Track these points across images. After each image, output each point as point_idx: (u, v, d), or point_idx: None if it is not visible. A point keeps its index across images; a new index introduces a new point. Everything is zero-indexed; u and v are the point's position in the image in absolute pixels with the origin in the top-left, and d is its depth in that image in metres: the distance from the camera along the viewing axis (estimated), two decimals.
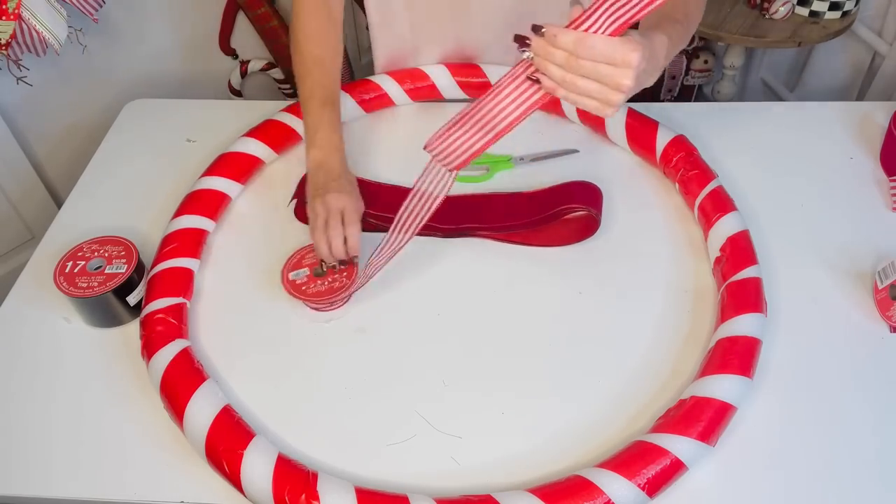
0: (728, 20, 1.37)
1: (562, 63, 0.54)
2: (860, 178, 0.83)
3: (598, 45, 0.52)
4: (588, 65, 0.53)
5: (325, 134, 0.77)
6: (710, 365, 0.62)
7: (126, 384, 0.66)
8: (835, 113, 0.91)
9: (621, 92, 0.54)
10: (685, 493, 0.57)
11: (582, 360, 0.67)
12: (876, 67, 1.40)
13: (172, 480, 0.60)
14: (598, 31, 0.53)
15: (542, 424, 0.62)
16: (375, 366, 0.67)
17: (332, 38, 0.82)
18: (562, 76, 0.54)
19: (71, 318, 0.72)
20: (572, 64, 0.53)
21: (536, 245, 0.77)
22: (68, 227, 0.81)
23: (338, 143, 0.78)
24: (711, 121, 0.90)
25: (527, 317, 0.70)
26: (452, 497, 0.56)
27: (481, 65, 0.92)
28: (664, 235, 0.78)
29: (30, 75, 1.13)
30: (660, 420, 0.60)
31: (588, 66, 0.53)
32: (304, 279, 0.70)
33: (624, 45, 0.52)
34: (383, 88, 0.92)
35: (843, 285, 0.72)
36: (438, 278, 0.74)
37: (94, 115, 1.29)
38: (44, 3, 1.00)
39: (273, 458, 0.57)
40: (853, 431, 0.61)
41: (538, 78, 0.56)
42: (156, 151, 0.91)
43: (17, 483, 0.60)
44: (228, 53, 1.48)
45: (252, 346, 0.69)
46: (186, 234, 0.75)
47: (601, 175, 0.81)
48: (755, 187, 0.81)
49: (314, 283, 0.70)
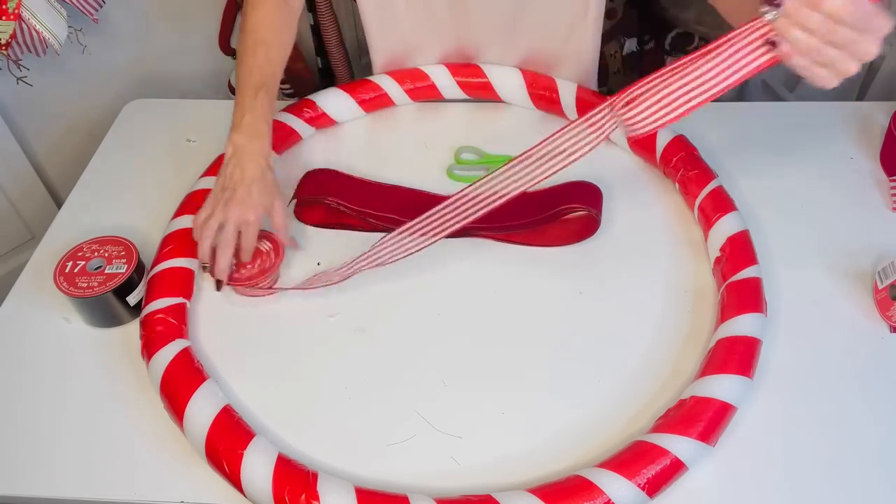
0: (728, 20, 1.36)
1: (816, 27, 0.50)
2: (860, 178, 0.83)
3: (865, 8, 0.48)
4: (845, 32, 0.49)
5: (251, 120, 0.73)
6: (710, 365, 0.62)
7: (126, 384, 0.66)
8: (835, 113, 0.91)
9: (864, 61, 0.50)
10: (685, 493, 0.57)
11: (582, 360, 0.67)
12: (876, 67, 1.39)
13: (172, 480, 0.60)
14: None
15: (542, 424, 0.62)
16: (375, 366, 0.67)
17: (283, 26, 0.80)
18: (807, 42, 0.51)
19: (71, 318, 0.72)
20: (829, 29, 0.49)
21: (536, 245, 0.77)
22: (68, 227, 0.81)
23: (263, 131, 0.73)
24: (711, 121, 0.90)
25: (527, 317, 0.70)
26: (452, 497, 0.56)
27: (481, 65, 0.92)
28: (664, 235, 0.78)
29: (30, 75, 1.12)
30: (660, 420, 0.60)
31: (844, 34, 0.49)
32: (233, 265, 0.70)
33: (881, 11, 0.49)
34: (383, 88, 0.92)
35: (843, 285, 0.72)
36: (438, 278, 0.74)
37: (94, 115, 1.29)
38: (44, 3, 1.00)
39: (273, 458, 0.57)
40: (853, 431, 0.61)
41: (775, 41, 0.52)
42: (156, 151, 0.91)
43: (17, 483, 0.60)
44: (228, 53, 1.48)
45: (252, 346, 0.69)
46: (186, 234, 0.74)
47: (601, 175, 0.81)
48: (755, 187, 0.81)
49: (243, 267, 0.70)
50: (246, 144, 0.72)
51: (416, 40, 0.91)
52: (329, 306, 0.71)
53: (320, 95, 0.90)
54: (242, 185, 0.70)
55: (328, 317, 0.71)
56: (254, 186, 0.70)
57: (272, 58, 0.77)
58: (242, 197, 0.69)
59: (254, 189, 0.70)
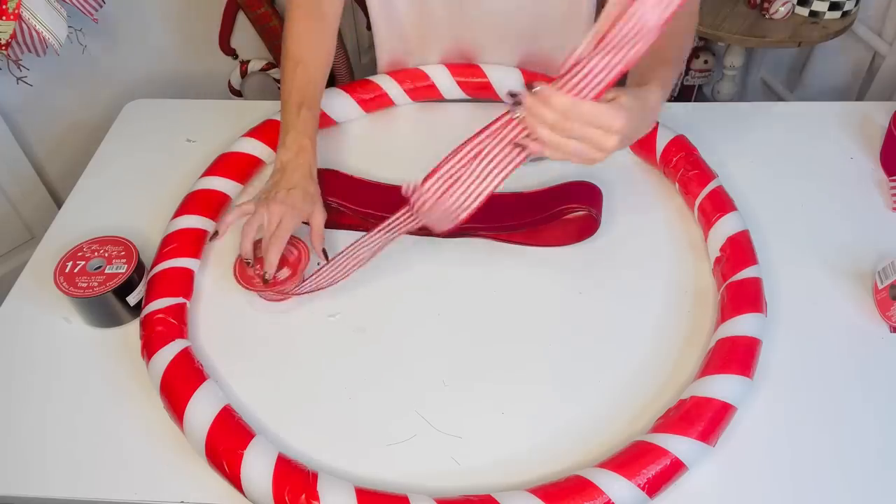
0: (728, 20, 1.37)
1: (552, 124, 0.57)
2: (860, 178, 0.83)
3: (587, 110, 0.56)
4: (577, 127, 0.57)
5: (294, 136, 0.76)
6: (710, 365, 0.62)
7: (126, 384, 0.66)
8: (835, 113, 0.91)
9: (604, 152, 0.58)
10: (685, 493, 0.57)
11: (582, 360, 0.67)
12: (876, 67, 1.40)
13: (172, 480, 0.60)
14: (587, 86, 0.56)
15: (542, 424, 0.62)
16: (375, 366, 0.67)
17: (320, 40, 0.82)
18: (549, 135, 0.58)
19: (71, 318, 0.72)
20: (562, 125, 0.57)
21: (536, 245, 0.77)
22: (68, 227, 0.81)
23: (305, 146, 0.76)
24: (711, 121, 0.90)
25: (527, 317, 0.70)
26: (452, 497, 0.56)
27: (481, 65, 0.92)
28: (664, 235, 0.78)
29: (30, 75, 1.13)
30: (660, 420, 0.60)
31: (577, 129, 0.57)
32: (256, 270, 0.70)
33: (610, 111, 0.57)
34: (383, 88, 0.92)
35: (843, 285, 0.72)
36: (438, 278, 0.74)
37: (94, 115, 1.29)
38: (44, 3, 1.00)
39: (273, 458, 0.57)
40: (853, 431, 0.61)
41: (524, 144, 0.60)
42: (156, 151, 0.91)
43: (18, 483, 0.60)
44: (228, 53, 1.48)
45: (252, 346, 0.69)
46: (186, 234, 0.74)
47: (601, 175, 0.81)
48: (755, 187, 0.81)
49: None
50: (291, 159, 0.75)
51: (417, 40, 0.91)
52: (329, 306, 0.71)
53: None
54: (283, 189, 0.72)
55: (328, 317, 0.71)
56: (295, 191, 0.72)
57: (311, 76, 0.80)
58: (283, 198, 0.71)
59: (295, 193, 0.72)
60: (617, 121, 0.57)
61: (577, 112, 0.56)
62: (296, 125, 0.76)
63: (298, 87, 0.79)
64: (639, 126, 0.62)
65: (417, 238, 0.77)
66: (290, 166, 0.74)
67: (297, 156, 0.75)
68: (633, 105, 0.59)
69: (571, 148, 0.58)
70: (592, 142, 0.58)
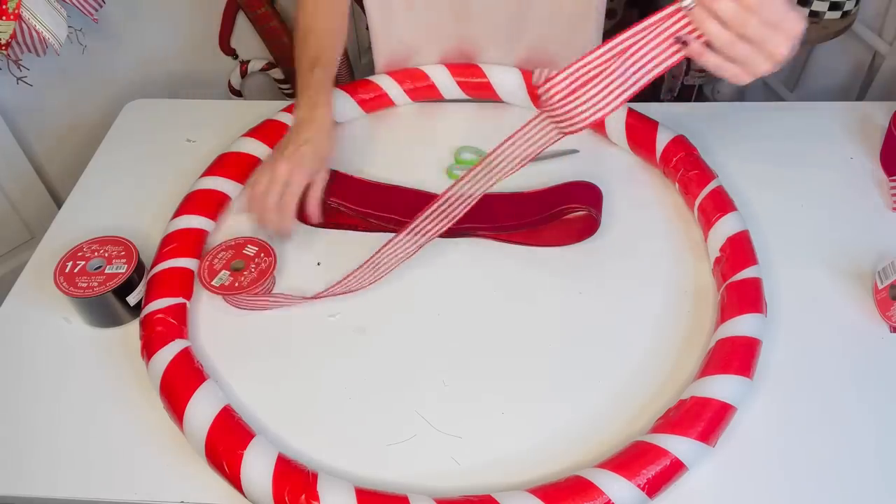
0: None
1: (729, 17, 0.50)
2: (860, 178, 0.83)
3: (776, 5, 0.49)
4: (755, 25, 0.50)
5: (309, 95, 0.75)
6: (709, 365, 0.62)
7: (126, 384, 0.66)
8: (835, 113, 0.91)
9: (774, 61, 0.52)
10: (685, 493, 0.57)
11: (582, 360, 0.67)
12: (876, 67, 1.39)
13: (172, 480, 0.60)
14: None
15: (542, 424, 0.62)
16: (375, 366, 0.67)
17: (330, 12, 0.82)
18: (719, 34, 0.51)
19: (71, 318, 0.72)
20: (741, 20, 0.50)
21: (536, 245, 0.77)
22: (68, 227, 0.81)
23: (320, 101, 0.74)
24: (711, 121, 0.90)
25: (527, 317, 0.70)
26: (452, 497, 0.56)
27: (481, 65, 0.92)
28: (664, 235, 0.78)
29: (30, 75, 1.12)
30: (659, 420, 0.60)
31: (755, 28, 0.50)
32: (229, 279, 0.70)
33: (793, 11, 0.50)
34: (383, 88, 0.92)
35: (843, 285, 0.72)
36: (438, 278, 0.74)
37: (94, 115, 1.29)
38: (44, 3, 1.00)
39: (273, 459, 0.57)
40: (853, 431, 0.61)
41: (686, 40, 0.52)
42: (156, 151, 0.91)
43: (17, 483, 0.60)
44: (228, 53, 1.48)
45: (252, 346, 0.69)
46: (186, 234, 0.74)
47: (601, 175, 0.81)
48: (755, 187, 0.81)
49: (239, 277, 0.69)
50: (304, 116, 0.73)
51: (416, 40, 0.91)
52: (329, 307, 0.71)
53: None
54: (293, 144, 0.70)
55: (328, 317, 0.71)
56: (305, 147, 0.69)
57: (322, 42, 0.79)
58: (291, 153, 0.69)
59: (305, 150, 0.69)
60: (799, 24, 0.50)
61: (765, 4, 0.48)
62: (309, 85, 0.75)
63: (310, 54, 0.78)
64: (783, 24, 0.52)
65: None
66: (304, 122, 0.73)
67: (312, 111, 0.74)
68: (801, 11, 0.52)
69: (738, 51, 0.51)
70: (767, 47, 0.50)
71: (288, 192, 0.68)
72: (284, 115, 0.88)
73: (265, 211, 0.70)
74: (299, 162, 0.69)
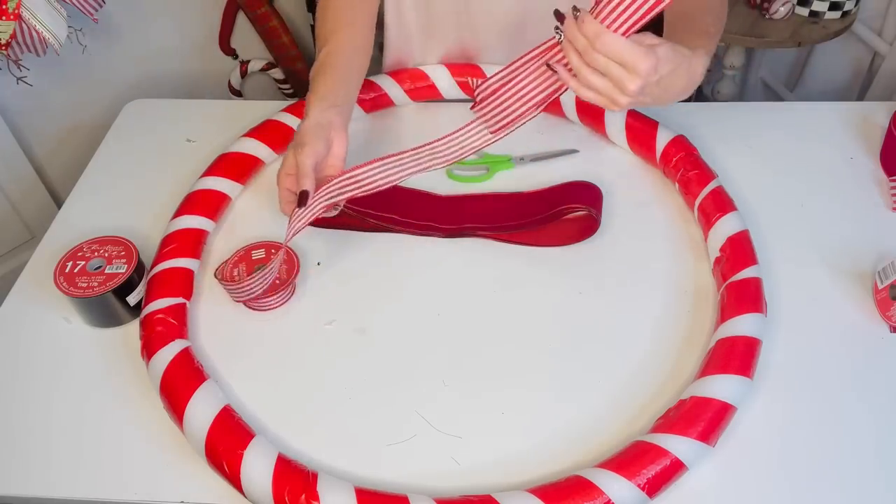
0: (728, 20, 1.36)
1: (581, 50, 0.56)
2: (860, 178, 0.83)
3: (612, 41, 0.54)
4: (601, 59, 0.55)
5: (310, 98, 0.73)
6: (709, 365, 0.62)
7: (126, 384, 0.66)
8: (835, 113, 0.91)
9: (626, 95, 0.57)
10: (685, 493, 0.57)
11: (582, 360, 0.67)
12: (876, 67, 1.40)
13: (172, 480, 0.60)
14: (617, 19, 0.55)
15: (542, 424, 0.62)
16: (375, 366, 0.67)
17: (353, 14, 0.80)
18: (577, 62, 0.58)
19: (71, 318, 0.72)
20: (588, 54, 0.56)
21: (536, 245, 0.77)
22: (68, 227, 0.81)
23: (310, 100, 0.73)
24: (711, 121, 0.90)
25: (527, 317, 0.70)
26: (452, 497, 0.56)
27: (482, 65, 0.92)
28: (664, 235, 0.78)
29: (30, 75, 1.13)
30: (659, 420, 0.60)
31: (600, 61, 0.55)
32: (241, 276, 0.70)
33: (638, 50, 0.55)
34: (383, 89, 0.92)
35: (843, 285, 0.72)
36: (438, 278, 0.74)
37: (94, 116, 1.29)
38: (44, 3, 1.00)
39: (273, 459, 0.57)
40: (853, 431, 0.61)
41: (554, 69, 0.59)
42: (156, 151, 0.91)
43: (18, 483, 0.60)
44: (228, 53, 1.48)
45: (252, 346, 0.69)
46: (186, 234, 0.74)
47: (601, 175, 0.81)
48: (755, 187, 0.81)
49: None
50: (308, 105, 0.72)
51: (420, 41, 0.92)
52: (329, 307, 0.71)
53: None
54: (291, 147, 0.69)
55: (325, 325, 0.70)
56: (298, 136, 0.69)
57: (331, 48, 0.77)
58: (291, 147, 0.69)
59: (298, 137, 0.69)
60: (643, 62, 0.55)
61: (602, 41, 0.55)
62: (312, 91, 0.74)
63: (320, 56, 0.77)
64: (673, 82, 0.60)
65: (418, 238, 0.77)
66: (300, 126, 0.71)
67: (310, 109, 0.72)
68: (670, 57, 0.57)
69: (593, 82, 0.57)
70: (614, 79, 0.56)
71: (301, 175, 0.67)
72: (284, 115, 0.88)
73: None
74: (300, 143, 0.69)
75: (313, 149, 0.68)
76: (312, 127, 0.70)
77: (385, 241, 0.77)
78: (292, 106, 0.89)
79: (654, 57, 0.56)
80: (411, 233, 0.77)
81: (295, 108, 0.89)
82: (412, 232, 0.77)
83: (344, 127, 0.73)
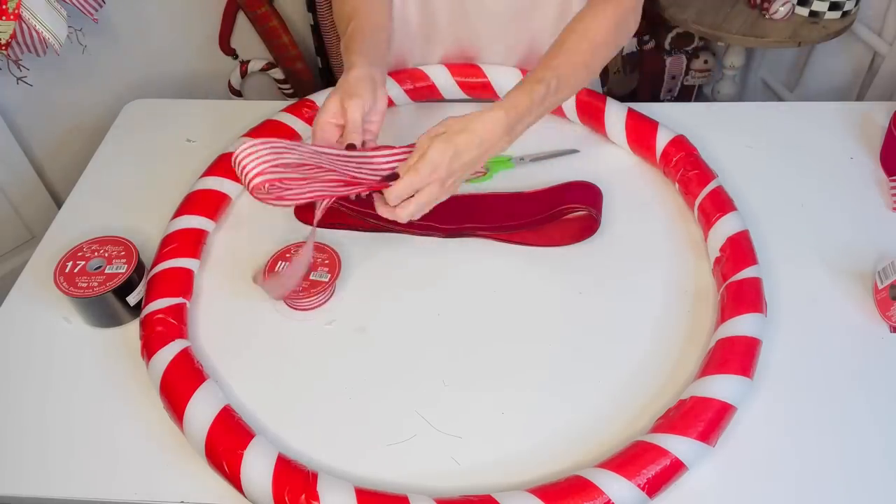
0: (728, 20, 1.37)
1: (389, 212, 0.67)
2: (860, 178, 0.83)
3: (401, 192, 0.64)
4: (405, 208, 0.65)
5: (347, 58, 0.73)
6: (709, 365, 0.62)
7: (126, 384, 0.66)
8: (835, 113, 0.91)
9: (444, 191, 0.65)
10: (685, 493, 0.57)
11: (582, 360, 0.67)
12: (876, 67, 1.39)
13: (172, 480, 0.60)
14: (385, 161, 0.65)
15: (542, 424, 0.62)
16: (375, 366, 0.67)
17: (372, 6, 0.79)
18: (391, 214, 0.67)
19: (71, 318, 0.72)
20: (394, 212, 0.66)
21: (536, 245, 0.77)
22: (68, 227, 0.81)
23: (360, 55, 0.72)
24: (711, 121, 0.90)
25: (527, 317, 0.70)
26: (452, 497, 0.56)
27: (481, 65, 0.92)
28: (664, 235, 0.78)
29: (30, 75, 1.13)
30: (659, 420, 0.60)
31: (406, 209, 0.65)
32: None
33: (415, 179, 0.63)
34: None
35: (843, 285, 0.72)
36: (438, 278, 0.74)
37: (94, 116, 1.29)
38: (44, 3, 1.00)
39: (273, 458, 0.57)
40: (853, 431, 0.61)
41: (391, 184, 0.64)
42: (156, 151, 0.91)
43: (17, 483, 0.60)
44: (228, 53, 1.48)
45: (252, 346, 0.69)
46: (186, 234, 0.75)
47: (601, 175, 0.81)
48: (755, 187, 0.81)
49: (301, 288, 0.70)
50: (350, 62, 0.72)
51: (420, 40, 0.91)
52: (329, 307, 0.71)
53: (320, 95, 0.90)
54: (337, 86, 0.69)
55: (325, 325, 0.71)
56: (355, 85, 0.69)
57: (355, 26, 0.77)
58: (339, 84, 0.69)
59: (354, 86, 0.69)
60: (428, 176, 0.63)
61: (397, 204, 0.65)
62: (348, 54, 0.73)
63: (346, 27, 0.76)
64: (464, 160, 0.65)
65: (418, 238, 0.77)
66: (347, 77, 0.70)
67: (351, 68, 0.71)
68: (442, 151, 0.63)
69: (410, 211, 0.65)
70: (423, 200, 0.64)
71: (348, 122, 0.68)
72: (284, 115, 0.88)
73: None
74: (347, 91, 0.69)
75: (363, 101, 0.68)
76: (363, 78, 0.69)
77: (385, 240, 0.77)
78: (292, 106, 0.89)
79: (430, 164, 0.63)
80: (411, 233, 0.77)
81: (295, 108, 0.89)
82: (412, 232, 0.77)
83: (385, 84, 0.73)
